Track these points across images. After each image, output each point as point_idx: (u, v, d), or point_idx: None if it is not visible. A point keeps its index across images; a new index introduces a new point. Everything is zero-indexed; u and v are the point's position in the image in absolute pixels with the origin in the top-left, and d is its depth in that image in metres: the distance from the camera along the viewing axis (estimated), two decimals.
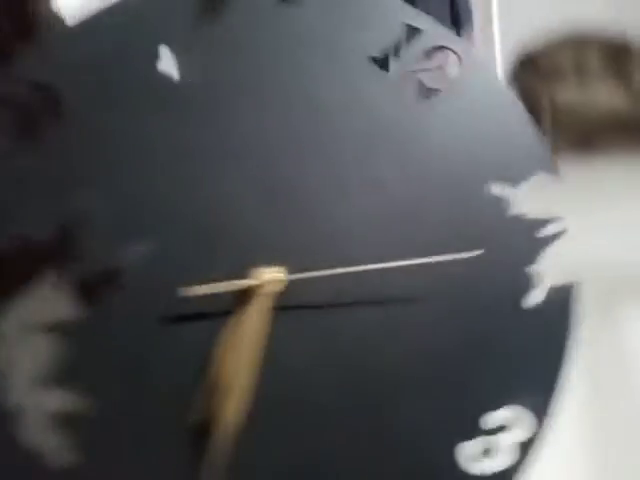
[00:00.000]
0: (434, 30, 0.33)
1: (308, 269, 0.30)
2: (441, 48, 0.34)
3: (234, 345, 0.29)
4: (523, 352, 0.34)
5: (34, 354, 0.29)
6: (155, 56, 0.32)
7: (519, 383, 0.32)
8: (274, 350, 0.30)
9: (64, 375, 0.29)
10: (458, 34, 0.59)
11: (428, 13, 0.34)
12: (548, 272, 0.37)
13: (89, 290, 0.30)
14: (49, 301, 0.30)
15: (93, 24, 0.32)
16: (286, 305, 0.30)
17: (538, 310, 0.35)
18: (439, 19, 0.33)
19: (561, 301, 0.36)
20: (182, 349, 0.29)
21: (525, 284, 0.35)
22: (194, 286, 0.28)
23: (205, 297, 0.28)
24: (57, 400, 0.29)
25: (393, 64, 0.33)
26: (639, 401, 0.77)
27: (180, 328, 0.29)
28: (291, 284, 0.29)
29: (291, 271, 0.29)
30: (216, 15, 0.32)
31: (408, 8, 0.33)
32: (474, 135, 0.34)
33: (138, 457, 0.29)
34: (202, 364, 0.29)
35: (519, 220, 0.34)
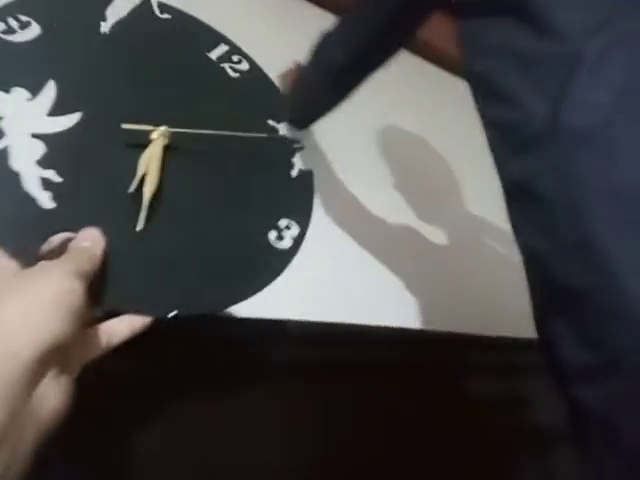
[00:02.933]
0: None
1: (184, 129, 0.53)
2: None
3: (149, 162, 0.50)
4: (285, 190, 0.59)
5: None
6: None
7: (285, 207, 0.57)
8: (167, 176, 0.51)
9: None
10: None
11: None
12: None
13: None
14: None
15: None
16: (173, 148, 0.52)
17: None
18: None
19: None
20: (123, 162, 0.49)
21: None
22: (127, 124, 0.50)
23: (135, 132, 0.50)
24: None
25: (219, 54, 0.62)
26: None
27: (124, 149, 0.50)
28: (174, 136, 0.52)
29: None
30: None
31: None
32: None
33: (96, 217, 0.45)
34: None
35: None
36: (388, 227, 1.06)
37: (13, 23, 0.49)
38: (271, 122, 0.61)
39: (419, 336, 0.90)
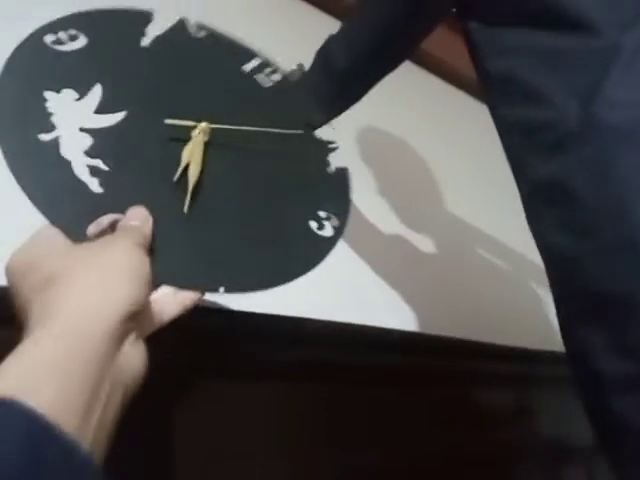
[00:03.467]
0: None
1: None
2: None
3: (191, 154, 0.52)
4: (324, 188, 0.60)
5: None
6: None
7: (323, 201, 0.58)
8: (208, 170, 0.52)
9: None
10: None
11: None
12: None
13: None
14: None
15: None
16: (213, 144, 0.54)
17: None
18: None
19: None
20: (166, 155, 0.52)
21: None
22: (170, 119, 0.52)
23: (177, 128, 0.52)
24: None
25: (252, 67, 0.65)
26: None
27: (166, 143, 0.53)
28: (214, 133, 0.54)
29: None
30: None
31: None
32: None
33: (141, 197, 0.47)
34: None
35: None
36: (383, 232, 1.05)
37: (63, 35, 0.53)
38: (305, 126, 0.63)
39: (425, 340, 0.85)
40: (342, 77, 0.72)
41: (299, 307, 0.66)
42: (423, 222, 1.13)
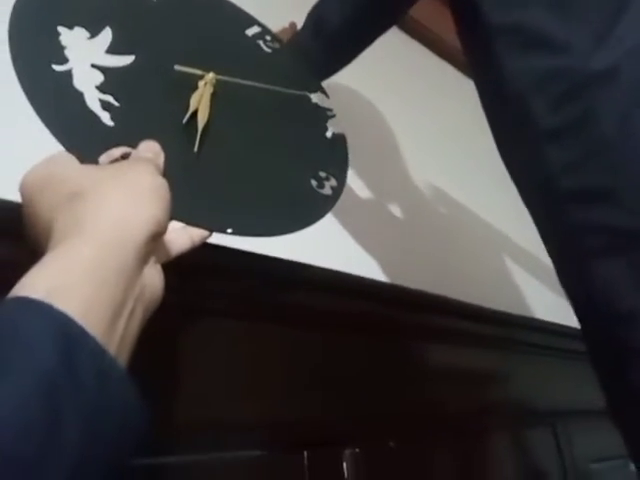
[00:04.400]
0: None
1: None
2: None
3: (199, 101, 0.52)
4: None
5: None
6: None
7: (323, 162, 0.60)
8: (214, 121, 0.53)
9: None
10: None
11: None
12: None
13: None
14: None
15: None
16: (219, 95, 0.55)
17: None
18: None
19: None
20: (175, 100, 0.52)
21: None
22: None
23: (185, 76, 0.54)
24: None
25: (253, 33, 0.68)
26: None
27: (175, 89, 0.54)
28: (219, 84, 0.55)
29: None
30: None
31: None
32: None
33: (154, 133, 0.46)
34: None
35: None
36: (368, 196, 1.08)
37: None
38: (305, 93, 0.65)
39: (405, 294, 0.82)
40: (334, 37, 0.72)
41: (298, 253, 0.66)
42: (404, 188, 1.16)
